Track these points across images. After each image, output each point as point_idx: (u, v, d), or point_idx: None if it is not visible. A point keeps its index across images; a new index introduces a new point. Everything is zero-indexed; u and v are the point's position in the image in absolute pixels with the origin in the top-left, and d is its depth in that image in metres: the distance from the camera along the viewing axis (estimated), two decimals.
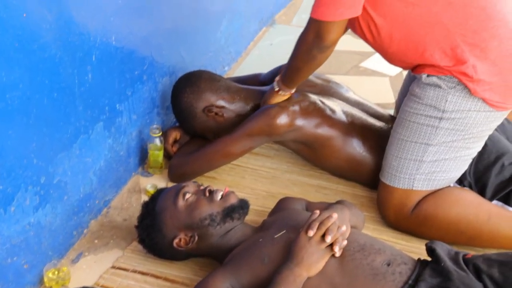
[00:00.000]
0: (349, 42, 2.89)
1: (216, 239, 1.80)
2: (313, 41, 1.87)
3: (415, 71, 1.97)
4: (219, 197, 1.81)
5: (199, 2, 2.52)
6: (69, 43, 1.75)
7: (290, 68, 2.03)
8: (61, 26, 1.71)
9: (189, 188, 1.83)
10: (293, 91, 2.12)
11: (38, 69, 1.66)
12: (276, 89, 2.11)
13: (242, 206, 1.82)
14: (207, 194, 1.82)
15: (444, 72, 1.88)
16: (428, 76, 1.91)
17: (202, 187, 1.85)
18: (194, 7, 2.49)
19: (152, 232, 1.82)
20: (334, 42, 1.88)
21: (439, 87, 1.89)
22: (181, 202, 1.80)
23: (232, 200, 1.81)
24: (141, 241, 1.88)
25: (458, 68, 1.85)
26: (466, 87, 1.86)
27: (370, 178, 2.19)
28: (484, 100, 1.87)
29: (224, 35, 2.80)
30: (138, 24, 2.09)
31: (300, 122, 2.11)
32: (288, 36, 3.13)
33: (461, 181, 2.04)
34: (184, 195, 1.80)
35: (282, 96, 2.12)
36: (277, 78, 2.13)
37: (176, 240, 1.79)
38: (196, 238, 1.79)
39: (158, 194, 1.87)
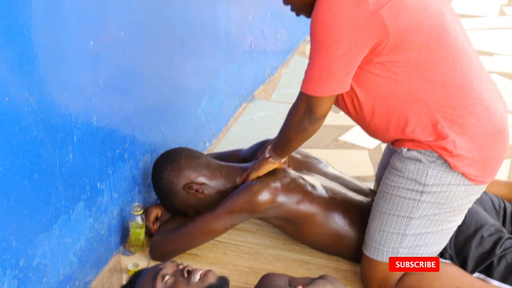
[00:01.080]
0: (328, 117, 2.93)
1: None
2: (304, 114, 1.91)
3: (395, 145, 2.00)
4: (197, 278, 1.77)
5: (179, 80, 2.56)
6: (50, 124, 1.76)
7: (282, 138, 2.06)
8: (43, 109, 1.72)
9: (167, 270, 1.79)
10: (282, 160, 2.14)
11: (19, 152, 1.66)
12: (267, 155, 2.14)
13: (221, 285, 1.79)
14: (186, 275, 1.78)
15: (424, 146, 1.91)
16: (408, 150, 1.94)
17: (181, 267, 1.82)
18: (174, 86, 2.53)
19: None
20: (324, 115, 1.92)
21: (420, 161, 1.92)
22: (159, 285, 1.75)
23: (211, 280, 1.77)
24: None
25: (439, 143, 1.89)
26: (446, 161, 1.89)
27: (352, 252, 2.18)
28: (463, 175, 1.90)
29: (204, 112, 2.84)
30: (119, 103, 2.12)
31: (281, 198, 2.12)
32: (268, 111, 3.18)
33: (442, 254, 2.04)
34: (162, 277, 1.76)
35: (272, 164, 2.14)
36: (268, 147, 2.16)
37: None
38: None
39: (136, 277, 1.83)
